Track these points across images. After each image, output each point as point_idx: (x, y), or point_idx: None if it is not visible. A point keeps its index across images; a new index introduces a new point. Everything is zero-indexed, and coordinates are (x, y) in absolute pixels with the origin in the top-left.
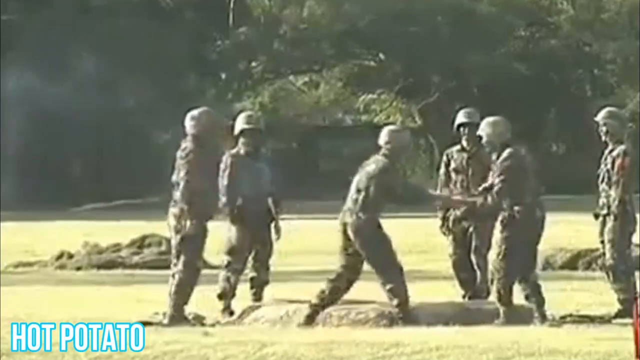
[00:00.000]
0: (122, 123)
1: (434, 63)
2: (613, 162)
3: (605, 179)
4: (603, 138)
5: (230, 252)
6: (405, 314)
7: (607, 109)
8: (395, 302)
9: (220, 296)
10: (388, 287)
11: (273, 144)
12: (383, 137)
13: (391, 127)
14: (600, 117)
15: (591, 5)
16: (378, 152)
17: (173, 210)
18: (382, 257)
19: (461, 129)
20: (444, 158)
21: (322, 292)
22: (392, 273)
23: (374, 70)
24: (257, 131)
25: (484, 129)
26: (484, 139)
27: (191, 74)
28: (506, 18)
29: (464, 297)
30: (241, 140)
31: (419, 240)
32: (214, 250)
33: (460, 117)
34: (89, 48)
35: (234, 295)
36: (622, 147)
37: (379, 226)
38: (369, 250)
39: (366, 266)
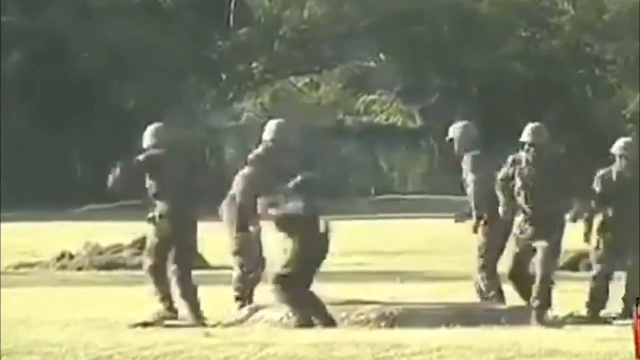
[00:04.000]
0: (122, 123)
1: (434, 63)
2: None
3: None
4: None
5: (240, 252)
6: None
7: (623, 139)
8: None
9: (237, 297)
10: None
11: None
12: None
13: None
14: (615, 148)
15: (592, 6)
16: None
17: (150, 215)
18: None
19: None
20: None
21: None
22: None
23: (374, 71)
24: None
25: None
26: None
27: (191, 75)
28: (506, 18)
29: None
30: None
31: (421, 242)
32: (215, 251)
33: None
34: (89, 48)
35: (250, 294)
36: None
37: None
38: None
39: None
